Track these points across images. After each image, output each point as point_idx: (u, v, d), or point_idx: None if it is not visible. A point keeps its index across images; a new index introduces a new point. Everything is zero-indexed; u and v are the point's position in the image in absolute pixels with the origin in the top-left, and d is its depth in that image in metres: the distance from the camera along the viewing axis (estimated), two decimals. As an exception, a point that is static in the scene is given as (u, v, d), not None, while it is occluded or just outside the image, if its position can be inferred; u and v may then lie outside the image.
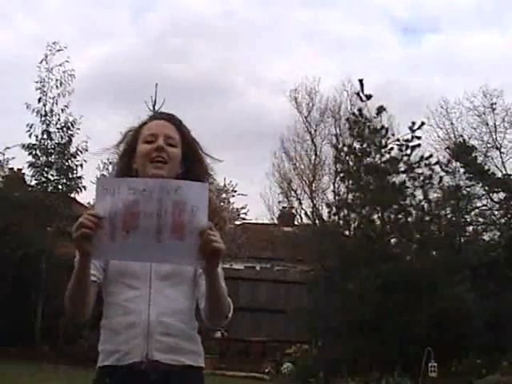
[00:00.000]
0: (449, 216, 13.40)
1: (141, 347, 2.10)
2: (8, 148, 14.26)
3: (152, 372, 2.10)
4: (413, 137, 12.71)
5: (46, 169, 14.13)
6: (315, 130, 19.20)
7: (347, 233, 13.56)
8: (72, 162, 14.29)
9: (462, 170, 13.98)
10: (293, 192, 19.42)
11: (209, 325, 2.18)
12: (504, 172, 14.93)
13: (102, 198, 1.96)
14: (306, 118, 19.35)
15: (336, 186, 16.52)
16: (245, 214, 19.55)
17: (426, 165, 12.74)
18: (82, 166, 14.27)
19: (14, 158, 14.44)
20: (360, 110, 13.07)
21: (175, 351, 2.14)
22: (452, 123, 16.27)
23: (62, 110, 14.26)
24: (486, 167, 14.46)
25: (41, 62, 14.22)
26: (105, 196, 1.96)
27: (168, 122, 2.26)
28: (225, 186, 18.86)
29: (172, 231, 1.94)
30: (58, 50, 14.23)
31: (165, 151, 2.18)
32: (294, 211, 19.75)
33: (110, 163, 17.29)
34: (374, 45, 30.38)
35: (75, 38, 30.33)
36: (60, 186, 14.21)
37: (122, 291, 2.15)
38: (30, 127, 14.07)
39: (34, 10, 31.54)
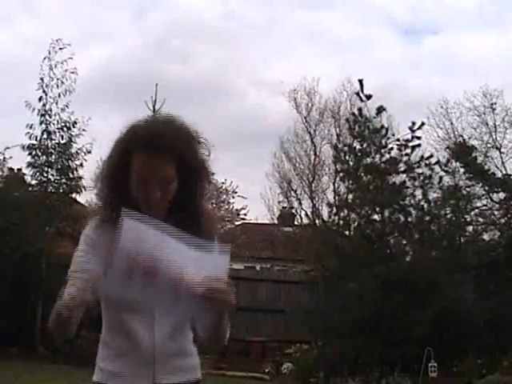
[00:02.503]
0: (449, 216, 13.39)
1: (146, 371, 2.09)
2: (8, 148, 14.27)
3: None
4: (413, 137, 12.71)
5: (46, 169, 14.11)
6: (315, 131, 19.19)
7: (347, 233, 13.57)
8: (73, 161, 14.26)
9: (461, 170, 13.98)
10: (293, 192, 19.41)
11: (206, 344, 2.18)
12: (504, 172, 14.92)
13: (126, 235, 1.83)
14: (305, 118, 19.34)
15: (336, 186, 16.51)
16: (245, 214, 19.56)
17: (425, 165, 12.74)
18: (82, 165, 14.26)
19: (11, 157, 14.43)
20: (360, 109, 13.08)
21: (180, 371, 2.15)
22: (452, 123, 16.26)
23: (62, 109, 14.24)
24: (486, 167, 14.44)
25: (44, 60, 14.16)
26: (130, 233, 1.84)
27: (163, 158, 1.99)
28: (225, 186, 18.88)
29: (187, 291, 1.88)
30: (61, 48, 14.18)
31: (161, 201, 2.04)
32: (293, 211, 19.74)
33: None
34: (374, 46, 30.40)
35: (76, 39, 30.40)
36: (60, 187, 14.19)
37: (125, 312, 2.10)
38: (30, 127, 14.07)
39: (34, 10, 31.55)
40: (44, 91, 14.14)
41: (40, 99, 14.10)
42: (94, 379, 2.16)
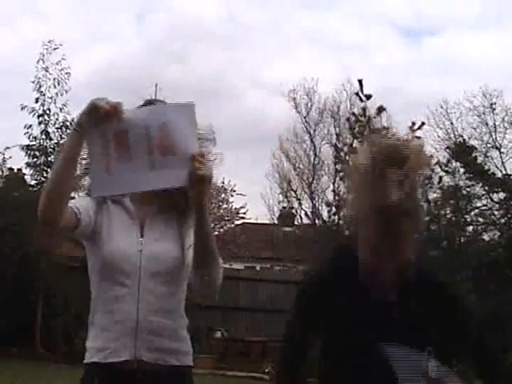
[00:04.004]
0: (449, 216, 13.39)
1: (129, 346, 2.11)
2: (8, 148, 14.27)
3: (138, 371, 2.11)
4: (413, 137, 12.70)
5: (45, 169, 14.11)
6: (314, 130, 19.18)
7: (347, 233, 13.56)
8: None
9: (461, 170, 13.97)
10: (292, 192, 19.40)
11: (196, 278, 2.17)
12: (504, 172, 14.92)
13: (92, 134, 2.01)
14: (304, 118, 19.33)
15: (336, 185, 16.51)
16: (244, 213, 19.51)
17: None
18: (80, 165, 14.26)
19: (10, 157, 14.44)
20: (364, 109, 13.06)
21: (162, 351, 2.14)
22: (452, 123, 16.25)
23: (61, 109, 14.25)
24: (486, 167, 14.44)
25: (38, 62, 14.20)
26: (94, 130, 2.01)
27: None
28: (223, 185, 18.83)
29: (161, 154, 2.00)
30: (54, 49, 14.21)
31: None
32: (293, 211, 19.73)
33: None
34: (375, 47, 30.41)
35: (77, 41, 30.32)
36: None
37: (111, 288, 2.14)
38: (29, 127, 14.08)
39: (35, 12, 31.57)
40: (41, 92, 14.16)
41: (37, 100, 14.12)
42: (84, 361, 2.20)
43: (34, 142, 14.09)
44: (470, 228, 14.23)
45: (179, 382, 2.20)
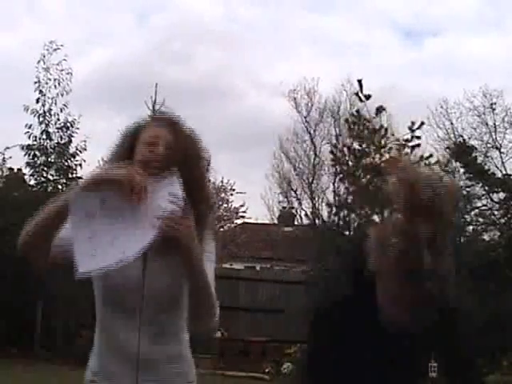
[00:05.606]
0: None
1: (130, 373, 2.07)
2: (8, 148, 14.28)
3: None
4: (412, 137, 12.72)
5: (45, 169, 14.13)
6: (314, 130, 19.19)
7: (347, 233, 13.57)
8: (72, 161, 14.29)
9: (461, 170, 13.98)
10: (293, 192, 19.41)
11: (194, 327, 2.13)
12: (504, 172, 14.92)
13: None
14: (305, 118, 19.33)
15: (336, 186, 16.51)
16: (244, 212, 19.52)
17: (425, 164, 12.75)
18: (81, 165, 14.29)
19: (10, 157, 14.45)
20: (358, 110, 13.09)
21: (169, 377, 2.11)
22: (452, 123, 16.25)
23: (61, 109, 14.26)
24: (486, 167, 14.45)
25: (38, 62, 14.21)
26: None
27: (165, 126, 2.15)
28: (223, 185, 18.84)
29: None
30: (55, 49, 14.22)
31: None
32: (293, 211, 19.74)
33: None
34: (376, 47, 30.41)
35: (78, 41, 30.33)
36: (60, 186, 14.21)
37: (112, 306, 2.10)
38: (29, 127, 14.10)
39: (36, 13, 31.58)
40: (41, 92, 14.18)
41: (38, 100, 14.14)
42: (85, 378, 2.18)
43: (34, 142, 14.11)
44: (470, 228, 14.23)
45: None
